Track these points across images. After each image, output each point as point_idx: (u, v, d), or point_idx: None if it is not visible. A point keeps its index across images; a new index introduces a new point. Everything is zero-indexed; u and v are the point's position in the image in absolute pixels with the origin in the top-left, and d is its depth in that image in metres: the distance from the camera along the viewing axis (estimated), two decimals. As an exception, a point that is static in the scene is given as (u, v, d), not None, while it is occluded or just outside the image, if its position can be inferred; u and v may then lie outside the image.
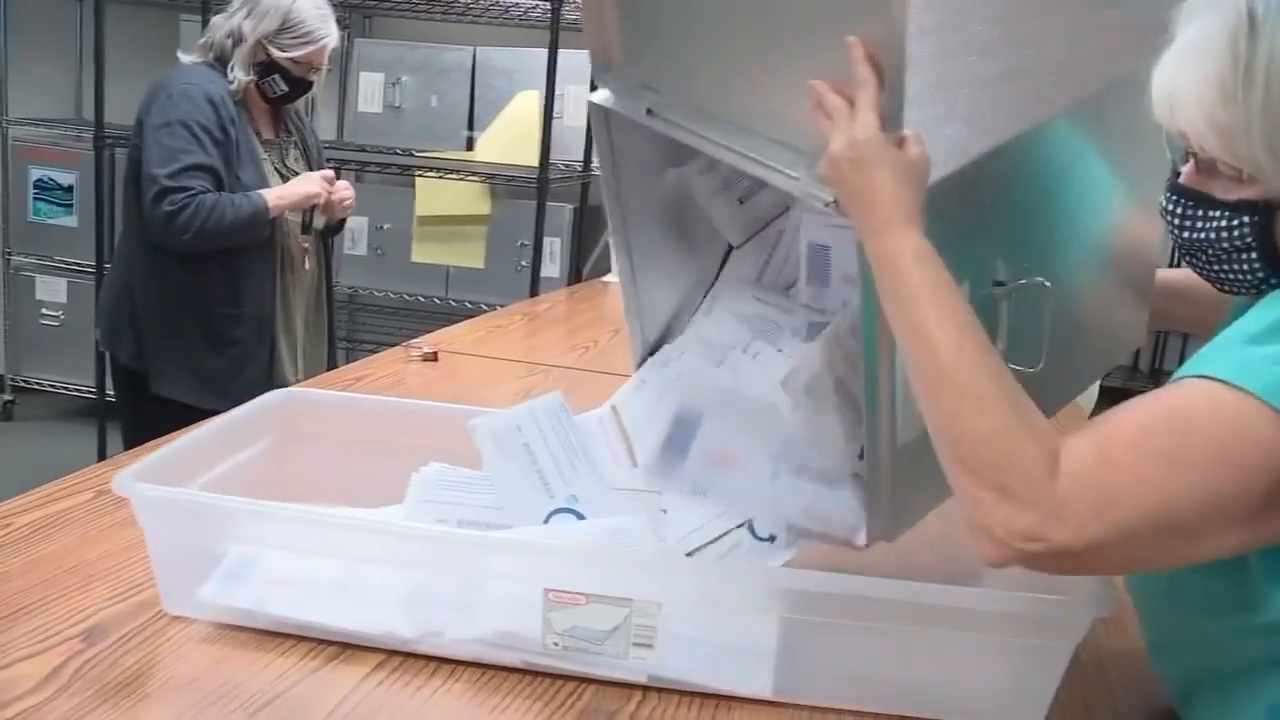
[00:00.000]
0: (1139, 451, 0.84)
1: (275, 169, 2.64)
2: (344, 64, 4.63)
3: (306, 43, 2.55)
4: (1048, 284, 1.05)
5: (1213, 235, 0.91)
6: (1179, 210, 0.93)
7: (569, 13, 3.69)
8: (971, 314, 0.91)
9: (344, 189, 2.68)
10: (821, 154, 0.94)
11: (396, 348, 2.43)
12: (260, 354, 2.60)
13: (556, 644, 1.02)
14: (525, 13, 4.14)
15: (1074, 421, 2.30)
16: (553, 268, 4.05)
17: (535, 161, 3.81)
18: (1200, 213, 0.91)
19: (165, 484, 1.09)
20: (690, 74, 1.10)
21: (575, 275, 4.06)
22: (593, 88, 1.16)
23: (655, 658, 1.01)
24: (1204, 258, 0.93)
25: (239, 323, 2.56)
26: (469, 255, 4.13)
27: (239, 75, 2.52)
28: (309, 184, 2.60)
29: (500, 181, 3.96)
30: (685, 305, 1.35)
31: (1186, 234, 0.93)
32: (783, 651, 1.02)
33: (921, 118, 0.93)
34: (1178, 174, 0.94)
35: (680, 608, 1.02)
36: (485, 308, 3.69)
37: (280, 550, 1.10)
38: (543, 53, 3.81)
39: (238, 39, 2.53)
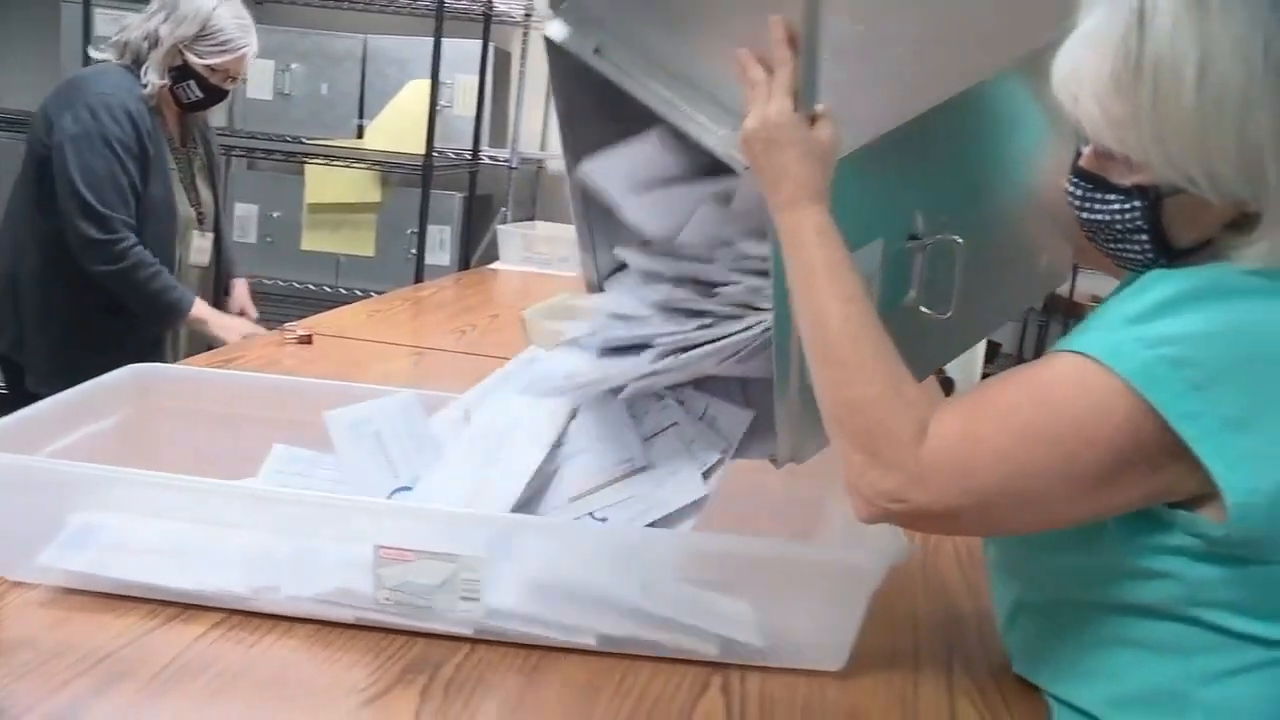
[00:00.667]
0: (1002, 425, 0.92)
1: (181, 180, 2.60)
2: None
3: (224, 51, 2.49)
4: (959, 240, 1.11)
5: (1108, 217, 0.96)
6: (1079, 192, 0.98)
7: (455, 2, 3.71)
8: (862, 289, 0.97)
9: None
10: (742, 117, 1.00)
11: (272, 331, 2.44)
12: (148, 347, 2.56)
13: (387, 599, 1.06)
14: (415, 1, 4.14)
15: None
16: (442, 255, 4.07)
17: (423, 149, 3.83)
18: (1098, 195, 0.96)
19: (8, 452, 1.11)
20: (640, 15, 1.13)
21: (464, 263, 4.09)
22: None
23: (481, 610, 1.06)
24: (1102, 237, 0.99)
25: (129, 331, 2.52)
26: (359, 243, 4.13)
27: (153, 79, 2.45)
28: (229, 333, 2.52)
29: (390, 169, 3.96)
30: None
31: (1086, 214, 0.99)
32: (605, 602, 1.07)
33: (845, 82, 0.99)
34: (1080, 156, 0.99)
35: (505, 563, 1.07)
36: (375, 295, 3.69)
37: (119, 514, 1.12)
38: (429, 41, 3.83)
39: (154, 42, 2.46)
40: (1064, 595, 1.05)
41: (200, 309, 2.52)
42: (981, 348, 4.42)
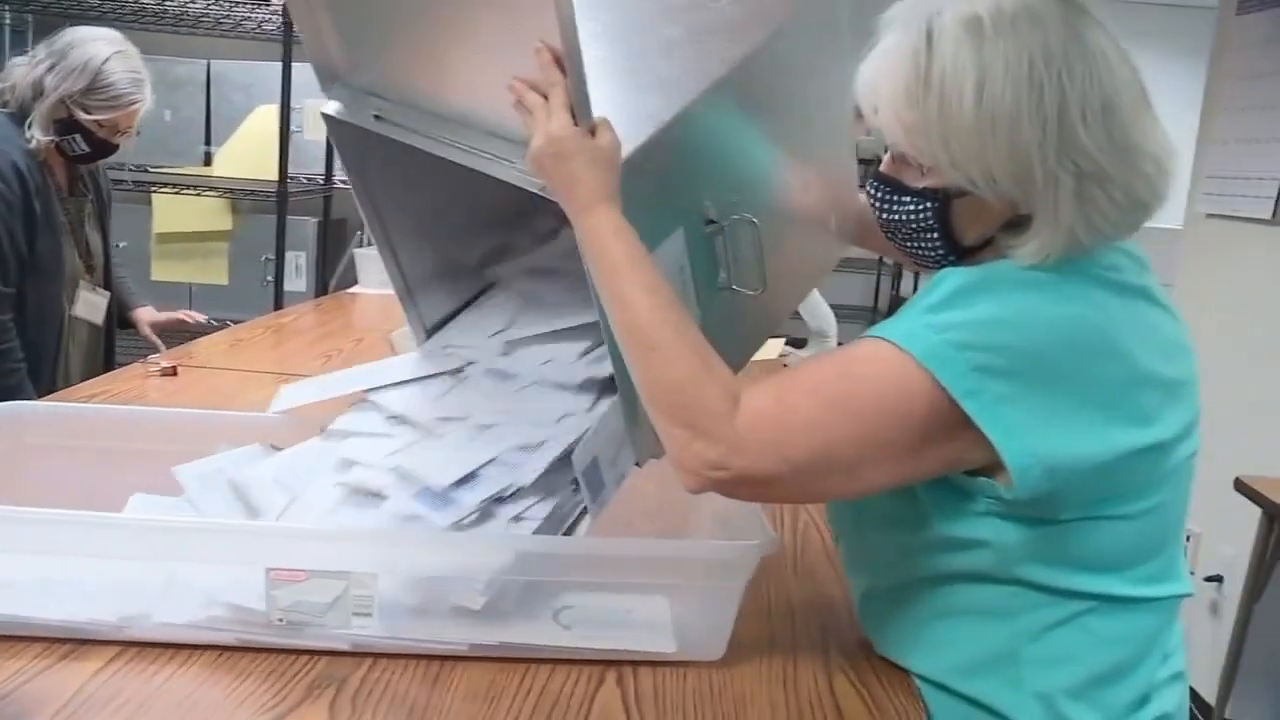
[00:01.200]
0: (811, 398, 1.01)
1: (71, 231, 2.51)
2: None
3: (114, 106, 2.39)
4: (755, 220, 1.19)
5: (903, 216, 1.07)
6: (879, 194, 1.09)
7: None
8: (662, 278, 1.05)
9: None
10: (526, 142, 1.06)
11: (134, 364, 2.40)
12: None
13: (281, 620, 1.08)
14: (259, 25, 4.10)
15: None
16: (299, 281, 4.04)
17: (276, 175, 3.80)
18: (895, 197, 1.07)
19: None
20: (408, 76, 1.17)
21: (321, 288, 4.06)
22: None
23: (375, 625, 1.09)
24: (899, 236, 1.10)
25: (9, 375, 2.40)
26: (211, 272, 4.07)
27: (38, 135, 2.35)
28: None
29: (241, 196, 3.91)
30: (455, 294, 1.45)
31: (884, 215, 1.09)
32: (493, 609, 1.11)
33: (612, 91, 1.06)
34: (879, 162, 1.10)
35: (395, 576, 1.10)
36: (231, 324, 3.64)
37: None
38: (277, 65, 3.81)
39: (39, 92, 2.36)
40: (900, 575, 1.15)
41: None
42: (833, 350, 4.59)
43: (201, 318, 2.68)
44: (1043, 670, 1.07)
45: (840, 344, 5.61)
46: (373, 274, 3.77)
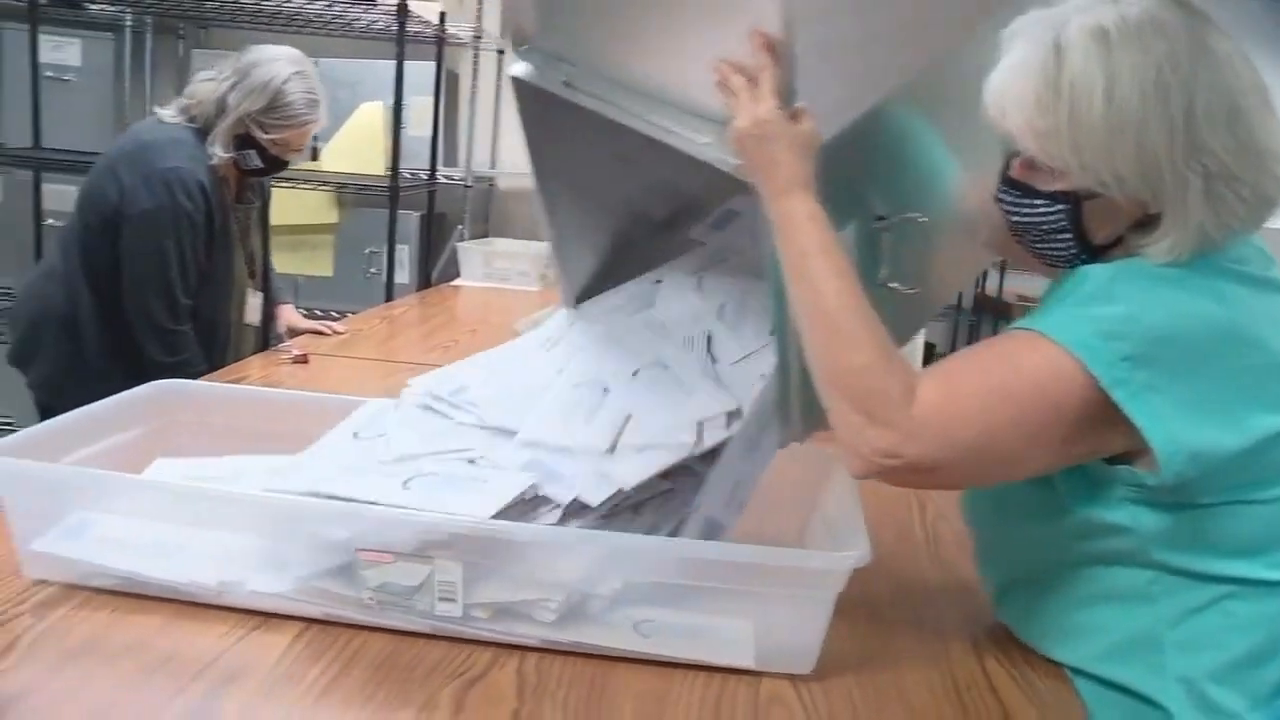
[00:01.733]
0: (977, 389, 1.05)
1: (240, 239, 2.63)
2: (180, 75, 4.61)
3: (289, 125, 2.48)
4: (923, 219, 1.22)
5: (1036, 219, 1.11)
6: (1009, 198, 1.13)
7: (412, 25, 3.79)
8: (851, 266, 1.09)
9: None
10: (725, 122, 1.10)
11: (265, 352, 2.50)
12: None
13: (370, 599, 1.12)
14: (368, 26, 4.21)
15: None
16: (402, 274, 4.13)
17: (380, 170, 3.90)
18: (1026, 200, 1.12)
19: (32, 459, 1.17)
20: (603, 46, 1.19)
21: (424, 280, 4.16)
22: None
23: (459, 610, 1.11)
24: (1030, 237, 1.14)
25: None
26: (318, 263, 4.18)
27: (218, 151, 2.45)
28: None
29: (348, 190, 4.02)
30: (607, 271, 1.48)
31: (1016, 218, 1.14)
32: (575, 605, 1.12)
33: (807, 83, 1.09)
34: (1009, 167, 1.14)
35: (481, 564, 1.11)
36: (335, 315, 3.75)
37: (112, 514, 1.18)
38: (383, 64, 3.91)
39: (221, 109, 2.45)
40: (1040, 564, 1.19)
41: None
42: (921, 348, 4.61)
43: (340, 329, 2.76)
44: (1185, 655, 1.10)
45: (929, 343, 5.60)
46: (474, 267, 3.86)
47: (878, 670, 1.16)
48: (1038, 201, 1.11)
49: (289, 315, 2.97)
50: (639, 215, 1.50)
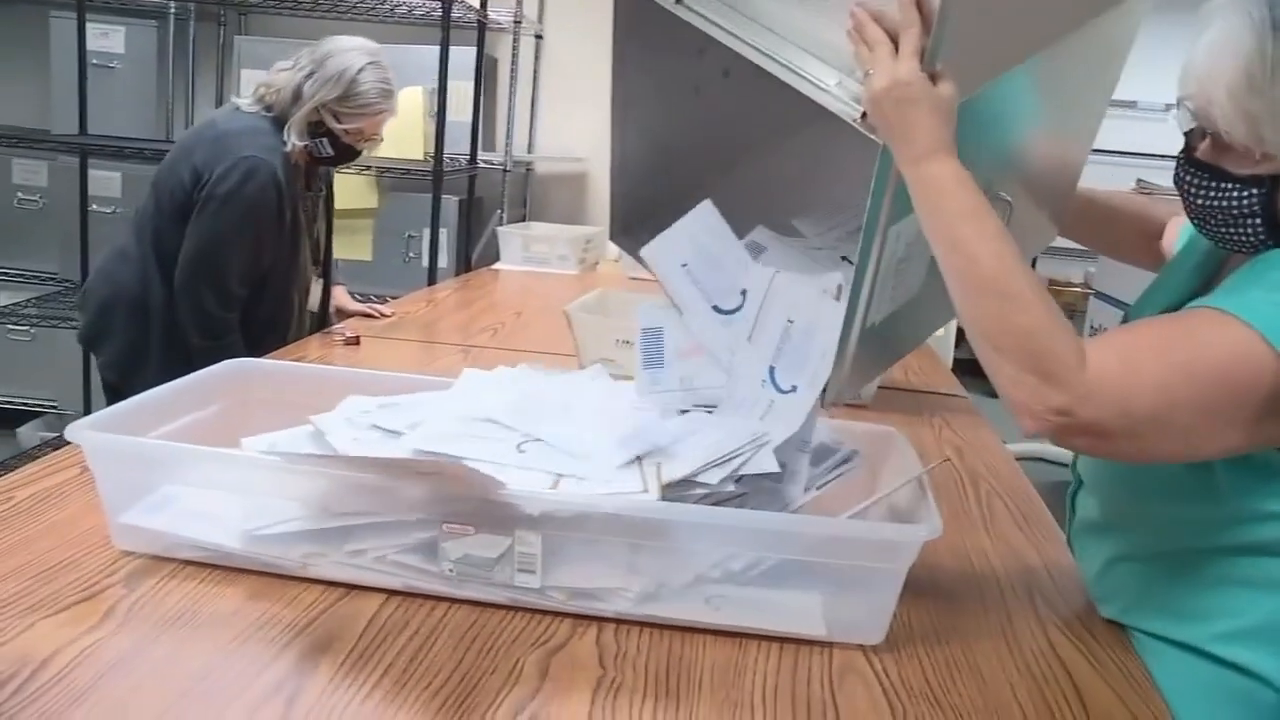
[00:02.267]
0: (1158, 360, 1.02)
1: (306, 227, 2.65)
2: (222, 61, 4.66)
3: (363, 114, 2.50)
4: (1009, 199, 1.20)
5: (1224, 203, 1.08)
6: (1195, 180, 1.10)
7: (454, 11, 3.81)
8: (1004, 228, 1.06)
9: None
10: (850, 72, 1.08)
11: (317, 334, 2.54)
12: None
13: (451, 570, 1.15)
14: (409, 11, 4.24)
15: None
16: (443, 258, 4.17)
17: (420, 155, 3.93)
18: (1214, 184, 1.08)
19: (116, 433, 1.21)
20: None
21: (465, 264, 4.19)
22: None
23: (538, 581, 1.14)
24: (1213, 222, 1.10)
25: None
26: (357, 248, 4.22)
27: (294, 141, 2.47)
28: None
29: (394, 175, 4.06)
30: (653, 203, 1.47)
31: (1200, 201, 1.10)
32: (649, 572, 1.14)
33: (952, 45, 1.05)
34: (1188, 148, 1.11)
35: (557, 535, 1.13)
36: (375, 298, 3.79)
37: (202, 487, 1.22)
38: (424, 49, 3.93)
39: (297, 97, 2.47)
40: (1176, 544, 1.17)
41: None
42: (952, 332, 4.61)
43: (389, 312, 2.79)
44: None
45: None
46: (514, 251, 3.90)
47: (946, 642, 1.18)
48: (1228, 185, 1.08)
49: (340, 297, 3.00)
50: (697, 149, 1.47)
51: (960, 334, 3.48)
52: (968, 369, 1.25)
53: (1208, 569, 1.15)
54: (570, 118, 4.70)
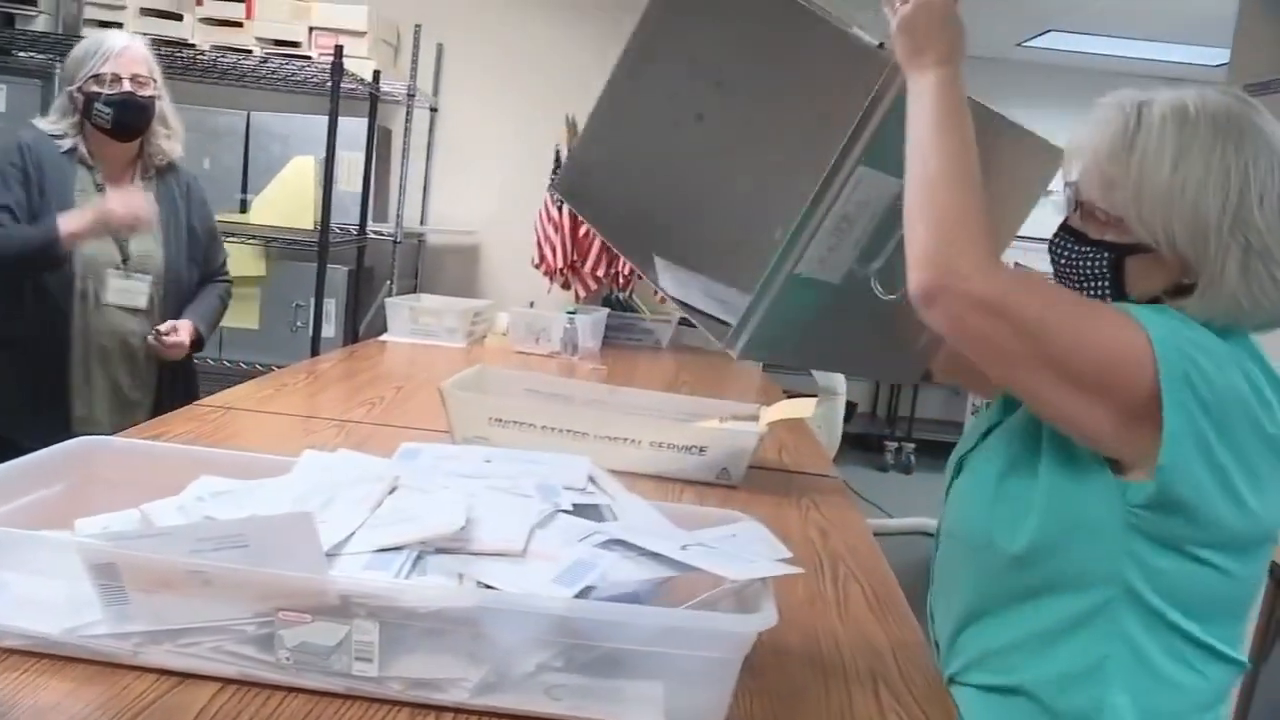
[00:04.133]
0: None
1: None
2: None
3: (94, 57, 2.59)
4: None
5: (1079, 263, 1.26)
6: (1060, 244, 1.28)
7: (346, 82, 3.83)
8: (969, 138, 1.23)
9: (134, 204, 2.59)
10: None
11: (186, 407, 2.49)
12: (48, 391, 2.62)
13: (288, 659, 1.13)
14: (303, 80, 4.24)
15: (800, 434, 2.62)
16: (329, 328, 4.14)
17: (310, 224, 3.92)
18: (1074, 247, 1.26)
19: None
20: None
21: (353, 335, 4.16)
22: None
23: (376, 670, 1.12)
24: (1069, 281, 1.27)
25: (19, 353, 2.59)
26: (244, 316, 4.16)
27: (57, 119, 2.63)
28: (106, 208, 2.55)
29: (277, 244, 4.02)
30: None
31: (1061, 262, 1.28)
32: (489, 662, 1.13)
33: None
34: (1065, 220, 1.29)
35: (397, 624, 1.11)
36: (260, 368, 3.75)
37: (30, 573, 1.18)
38: (314, 119, 3.95)
39: (61, 93, 2.68)
40: (993, 594, 1.30)
41: (68, 221, 2.51)
42: (841, 409, 4.72)
43: (165, 330, 2.74)
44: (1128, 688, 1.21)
45: (850, 402, 5.71)
46: (402, 322, 3.88)
47: (784, 728, 1.20)
48: (1085, 247, 1.25)
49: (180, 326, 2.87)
50: (672, 168, 1.57)
51: (851, 408, 3.57)
52: (857, 442, 1.34)
53: (1035, 615, 1.25)
54: (464, 190, 4.72)
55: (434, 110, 4.69)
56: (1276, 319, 1.21)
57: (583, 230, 3.95)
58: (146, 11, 4.02)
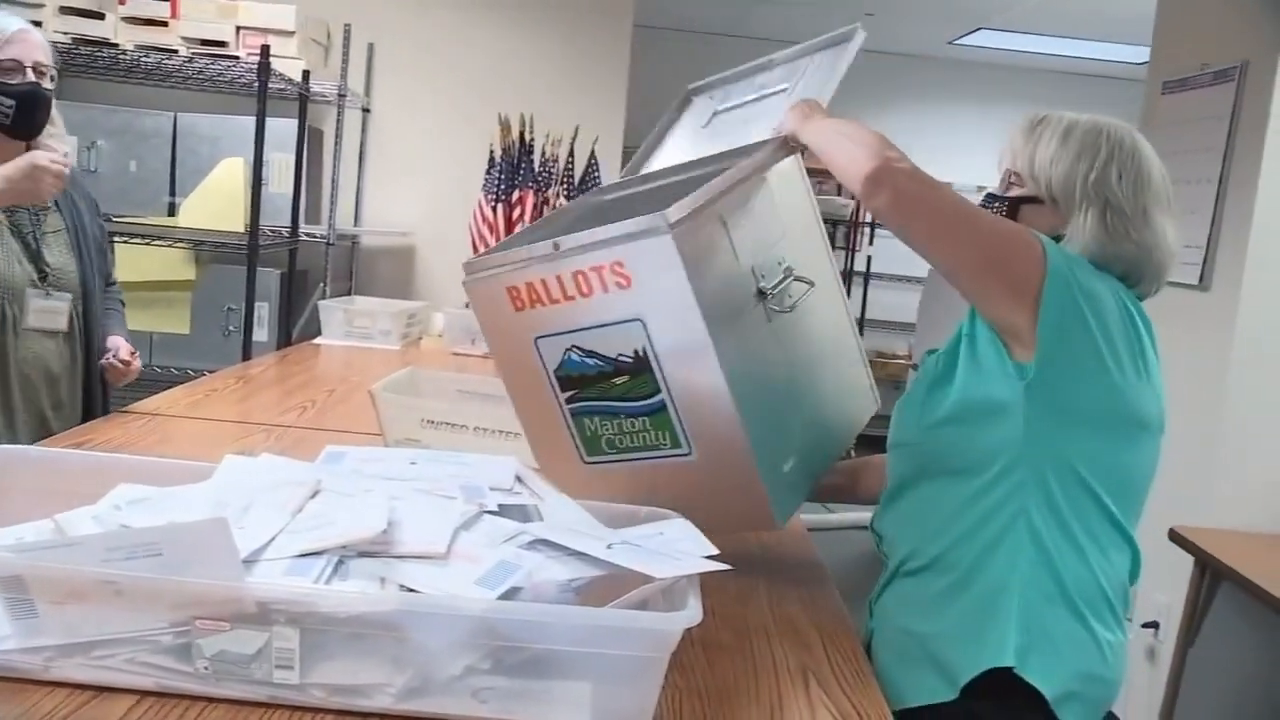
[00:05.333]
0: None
1: (15, 237, 2.35)
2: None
3: None
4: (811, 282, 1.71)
5: (989, 207, 1.59)
6: (984, 200, 1.61)
7: (275, 82, 3.77)
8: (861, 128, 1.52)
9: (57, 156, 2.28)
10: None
11: (113, 414, 2.44)
12: None
13: (206, 668, 1.10)
14: (231, 80, 4.17)
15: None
16: (261, 332, 4.08)
17: (241, 227, 3.86)
18: (988, 202, 1.60)
19: None
20: None
21: (286, 338, 4.10)
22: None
23: (297, 678, 1.10)
24: None
25: None
26: (173, 321, 4.09)
27: None
28: (21, 164, 2.22)
29: (207, 248, 3.96)
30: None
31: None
32: (413, 666, 1.11)
33: None
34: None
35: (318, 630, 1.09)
36: (192, 373, 3.68)
37: None
38: (243, 119, 3.89)
39: None
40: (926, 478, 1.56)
41: None
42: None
43: (125, 359, 2.54)
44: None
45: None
46: (336, 325, 3.83)
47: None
48: (993, 200, 1.61)
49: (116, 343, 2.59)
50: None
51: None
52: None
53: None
54: (398, 191, 4.68)
55: (366, 110, 4.64)
56: (1138, 273, 1.52)
57: (517, 229, 3.94)
58: (66, 10, 3.93)
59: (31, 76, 2.28)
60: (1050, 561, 1.42)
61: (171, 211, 4.09)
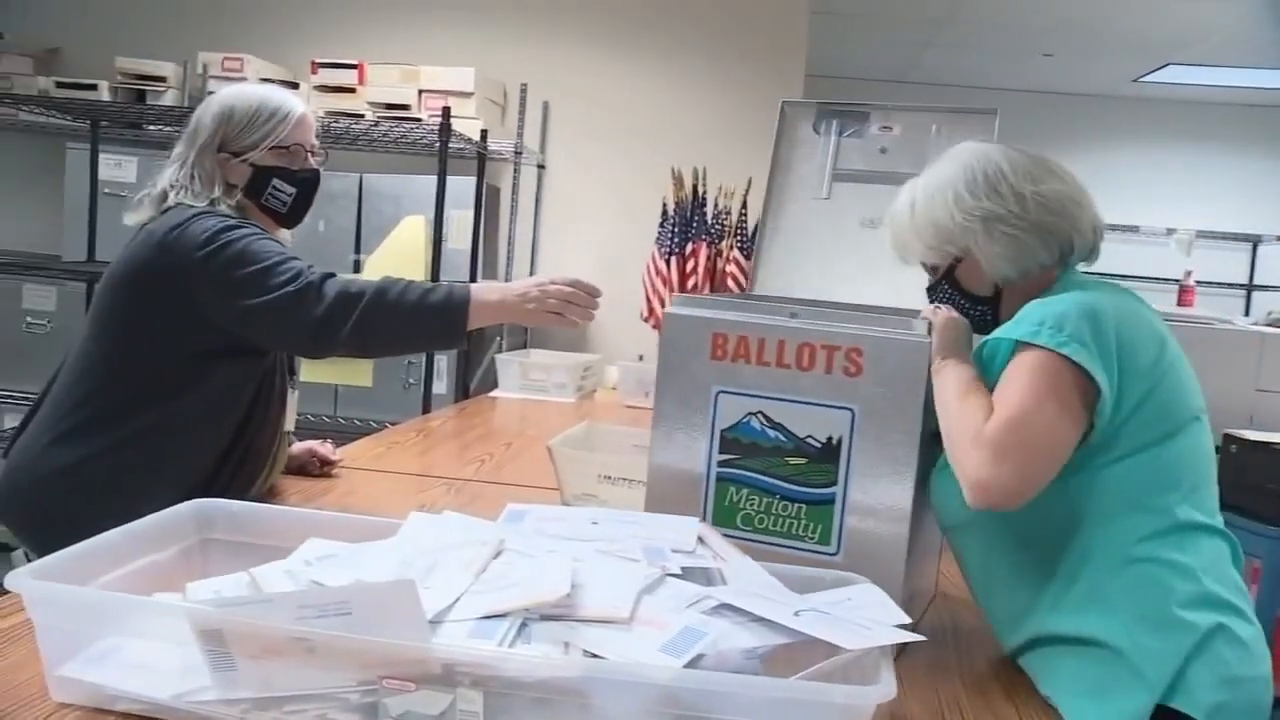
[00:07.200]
0: (1014, 409, 1.38)
1: None
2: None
3: (274, 120, 2.03)
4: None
5: (938, 293, 1.63)
6: (929, 297, 1.64)
7: (454, 142, 3.89)
8: (965, 392, 1.45)
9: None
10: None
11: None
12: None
13: None
14: (414, 142, 4.33)
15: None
16: (440, 385, 4.18)
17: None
18: (936, 294, 1.63)
19: (61, 582, 1.17)
20: None
21: (464, 391, 4.20)
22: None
23: None
24: (952, 303, 1.63)
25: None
26: (357, 374, 4.24)
27: (199, 193, 2.01)
28: (526, 294, 2.01)
29: (390, 302, 4.08)
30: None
31: (938, 299, 1.64)
32: None
33: None
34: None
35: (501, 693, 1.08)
36: (374, 425, 3.80)
37: (140, 638, 1.18)
38: (424, 179, 4.02)
39: (184, 164, 2.06)
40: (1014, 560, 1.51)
41: (482, 291, 1.98)
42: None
43: (335, 457, 2.45)
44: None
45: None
46: (512, 378, 3.90)
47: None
48: (938, 291, 1.62)
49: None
50: None
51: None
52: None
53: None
54: (571, 246, 4.75)
55: (541, 167, 4.74)
56: (1068, 242, 1.54)
57: (690, 283, 3.94)
58: (265, 81, 4.15)
59: (313, 162, 2.12)
60: (1155, 589, 1.38)
61: (357, 269, 4.25)
